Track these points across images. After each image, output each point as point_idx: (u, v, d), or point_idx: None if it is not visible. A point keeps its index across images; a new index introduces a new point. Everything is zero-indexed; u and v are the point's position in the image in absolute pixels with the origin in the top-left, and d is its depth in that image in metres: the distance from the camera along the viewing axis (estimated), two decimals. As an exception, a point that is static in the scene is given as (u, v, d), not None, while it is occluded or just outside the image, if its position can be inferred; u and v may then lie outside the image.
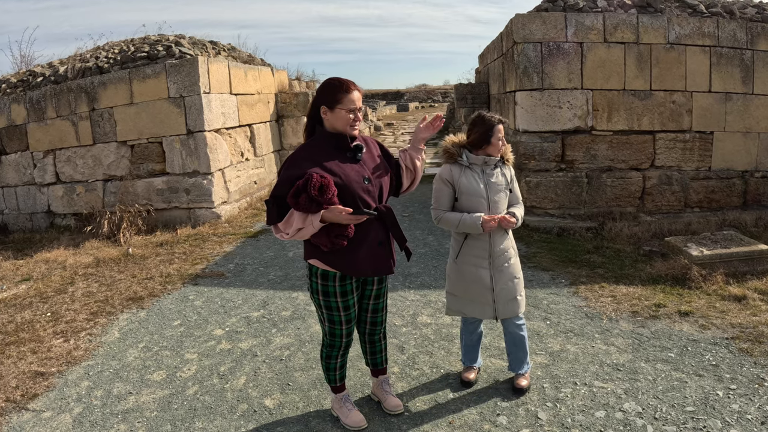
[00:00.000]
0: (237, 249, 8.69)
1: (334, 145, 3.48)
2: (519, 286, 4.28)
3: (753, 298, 6.09)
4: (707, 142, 9.42)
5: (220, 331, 5.72)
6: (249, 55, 13.31)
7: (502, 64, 11.00)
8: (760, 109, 9.51)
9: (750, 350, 4.95)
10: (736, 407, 4.10)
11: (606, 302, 6.13)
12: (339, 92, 3.44)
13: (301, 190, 3.20)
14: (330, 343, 3.84)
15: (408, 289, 6.72)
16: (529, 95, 9.06)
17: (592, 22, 8.94)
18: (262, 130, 12.89)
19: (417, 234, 9.17)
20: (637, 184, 9.34)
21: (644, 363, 4.80)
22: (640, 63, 9.09)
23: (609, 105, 9.13)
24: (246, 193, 11.77)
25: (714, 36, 9.19)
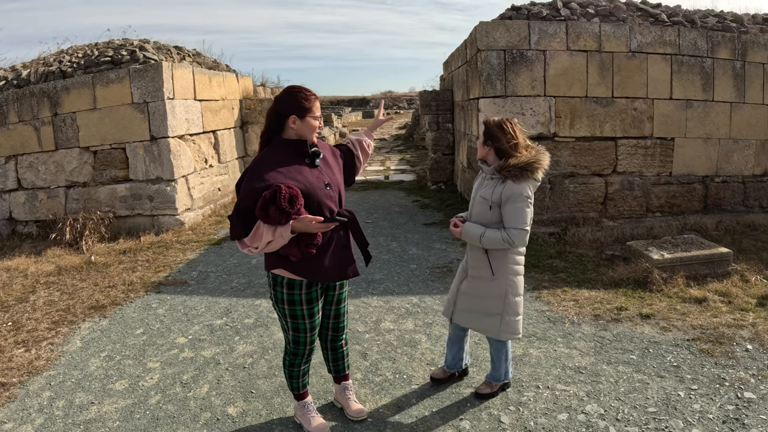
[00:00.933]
0: (200, 256, 8.57)
1: (293, 152, 3.45)
2: (482, 308, 4.14)
3: (713, 300, 6.17)
4: (668, 148, 9.55)
5: (182, 339, 5.62)
6: (214, 61, 13.19)
7: (466, 71, 11.04)
8: (719, 115, 9.69)
9: (711, 351, 5.00)
10: (698, 407, 4.13)
11: (568, 306, 6.15)
12: (309, 101, 3.46)
13: (269, 202, 3.14)
14: (294, 351, 3.79)
15: (371, 296, 6.68)
16: (492, 102, 9.09)
17: (555, 31, 9.02)
18: (227, 136, 12.76)
19: (381, 240, 9.13)
20: (600, 190, 9.43)
21: (606, 365, 4.82)
22: (603, 71, 9.19)
23: (571, 112, 9.21)
24: (210, 200, 11.63)
25: (675, 44, 9.34)
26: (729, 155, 9.87)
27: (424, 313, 6.08)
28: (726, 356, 4.91)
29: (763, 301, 6.17)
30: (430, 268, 7.62)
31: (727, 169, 9.91)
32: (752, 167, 10.04)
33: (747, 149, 9.95)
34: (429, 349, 5.22)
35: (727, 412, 4.05)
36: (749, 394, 4.30)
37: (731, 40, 9.60)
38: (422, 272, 7.48)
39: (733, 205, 9.98)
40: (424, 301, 6.44)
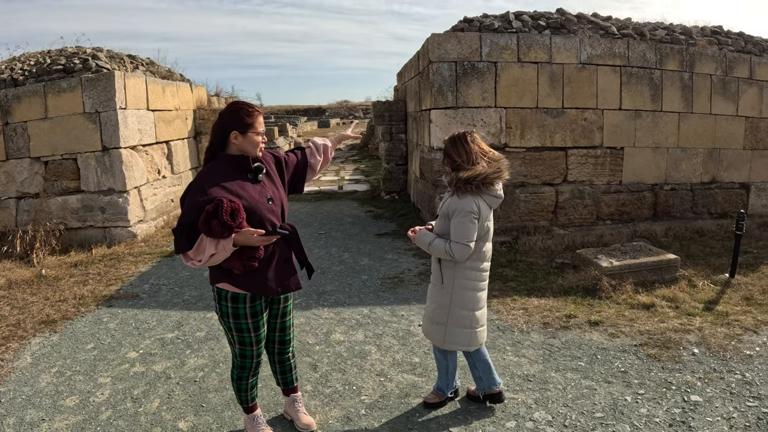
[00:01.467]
0: (152, 269, 8.37)
1: (235, 167, 3.44)
2: (433, 315, 4.12)
3: (661, 306, 6.22)
4: (618, 157, 9.67)
5: (134, 354, 5.45)
6: (168, 70, 12.97)
7: (418, 82, 11.05)
8: (668, 125, 9.86)
9: (658, 356, 5.01)
10: (645, 411, 4.12)
11: (518, 315, 6.12)
12: (250, 117, 3.43)
13: (211, 215, 3.14)
14: (241, 364, 3.74)
15: (322, 307, 6.58)
16: (443, 113, 9.09)
17: (507, 43, 9.06)
18: (180, 147, 12.53)
19: (333, 251, 9.04)
20: (550, 199, 9.48)
21: (554, 373, 4.80)
22: (553, 82, 9.27)
23: (522, 123, 9.25)
24: (163, 212, 11.40)
25: (625, 56, 9.47)
26: (677, 164, 10.04)
27: (374, 324, 6.00)
28: (673, 360, 4.93)
29: (709, 306, 6.24)
30: (381, 279, 7.55)
31: (676, 177, 10.08)
32: (700, 175, 10.24)
33: (695, 157, 10.14)
34: (379, 360, 5.15)
35: (673, 415, 4.06)
36: (696, 397, 4.31)
37: (679, 52, 9.78)
38: (373, 283, 7.41)
39: (682, 211, 10.14)
40: (374, 312, 6.36)
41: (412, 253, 8.75)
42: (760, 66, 10.41)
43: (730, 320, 5.82)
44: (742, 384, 4.53)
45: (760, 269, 7.57)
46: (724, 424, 3.95)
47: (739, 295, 6.64)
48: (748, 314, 5.99)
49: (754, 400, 4.27)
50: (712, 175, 10.32)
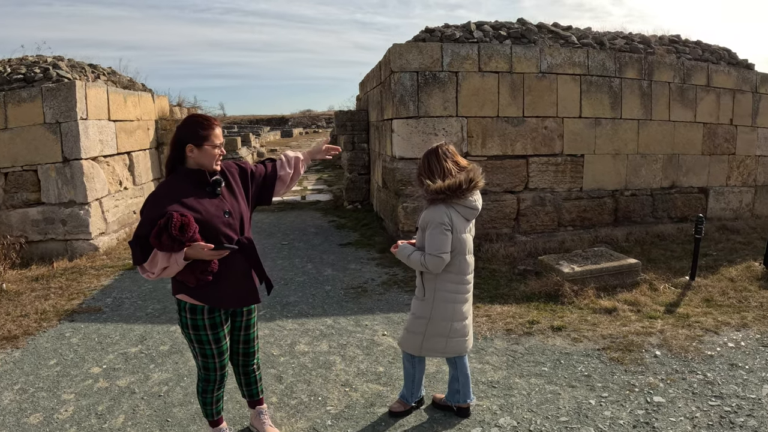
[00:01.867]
0: (115, 282, 8.19)
1: (193, 181, 3.41)
2: (411, 325, 4.13)
3: (623, 310, 6.26)
4: (578, 164, 9.76)
5: (97, 369, 5.32)
6: (129, 80, 12.78)
7: (380, 92, 11.05)
8: (627, 132, 10.00)
9: (621, 359, 5.04)
10: (609, 414, 4.13)
11: (481, 322, 6.10)
12: (205, 129, 3.39)
13: (162, 230, 3.13)
14: (205, 377, 3.69)
15: (286, 318, 6.50)
16: (405, 123, 9.09)
17: (468, 52, 9.10)
18: (142, 158, 12.33)
19: (296, 262, 8.95)
20: (512, 206, 9.52)
21: (518, 378, 4.78)
22: (514, 91, 9.32)
23: (483, 131, 9.29)
24: (125, 224, 11.19)
25: (584, 65, 9.59)
26: (637, 170, 10.17)
27: (338, 334, 5.94)
28: (635, 363, 4.96)
29: (670, 309, 6.31)
30: (344, 289, 7.49)
31: (636, 183, 10.21)
32: (660, 180, 10.39)
33: (654, 163, 10.29)
34: (343, 370, 5.10)
35: (637, 417, 4.07)
36: (658, 398, 4.34)
37: (638, 61, 9.94)
38: (337, 293, 7.34)
39: (643, 216, 10.28)
40: (338, 322, 6.30)
41: (375, 262, 8.71)
42: (717, 73, 10.64)
43: (691, 322, 5.89)
44: (704, 384, 4.57)
45: (719, 271, 7.69)
46: (687, 423, 3.98)
47: (699, 297, 6.73)
48: (709, 315, 6.08)
49: (716, 399, 4.32)
50: (672, 180, 10.48)
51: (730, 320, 5.96)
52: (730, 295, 6.78)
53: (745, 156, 11.27)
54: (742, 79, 10.98)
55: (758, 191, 11.59)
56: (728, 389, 4.48)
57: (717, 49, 11.20)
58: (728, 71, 10.81)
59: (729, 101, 10.83)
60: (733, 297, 6.73)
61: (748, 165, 11.35)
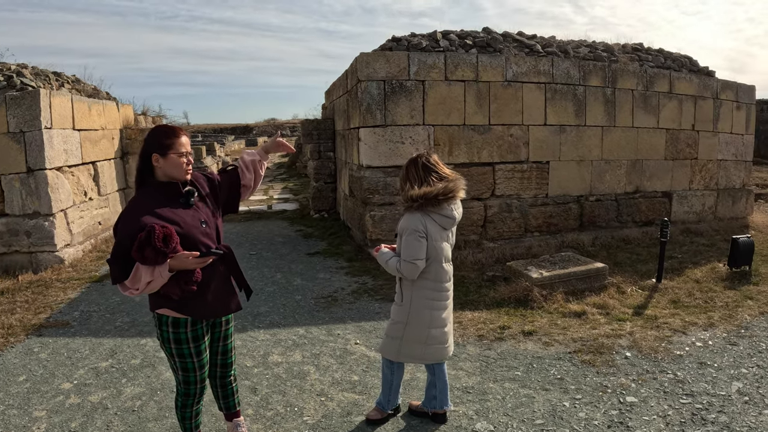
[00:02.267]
0: (82, 295, 8.03)
1: (166, 193, 3.37)
2: (390, 329, 4.14)
3: (592, 313, 6.34)
4: (544, 171, 9.87)
5: (68, 385, 5.19)
6: (94, 88, 12.56)
7: (347, 100, 11.05)
8: (592, 139, 10.16)
9: (592, 361, 5.09)
10: (583, 415, 4.16)
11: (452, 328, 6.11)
12: (169, 137, 3.35)
13: (144, 243, 3.06)
14: (185, 391, 3.63)
15: (257, 329, 6.43)
16: (372, 132, 9.10)
17: (434, 61, 9.16)
18: (107, 167, 12.12)
19: (265, 272, 8.88)
20: (479, 213, 9.58)
21: (492, 383, 4.80)
22: (480, 99, 9.40)
23: (450, 139, 9.34)
24: (90, 235, 10.98)
25: (549, 74, 9.72)
26: (602, 175, 10.32)
27: (311, 344, 5.90)
28: (607, 365, 5.01)
29: (639, 311, 6.40)
30: (315, 299, 7.45)
31: (601, 189, 10.37)
32: (624, 185, 10.57)
33: (619, 169, 10.46)
34: (318, 379, 5.05)
35: (611, 417, 4.11)
36: (631, 398, 4.39)
37: (602, 69, 10.12)
38: (307, 303, 7.30)
39: (608, 221, 10.43)
40: (310, 332, 6.26)
41: (344, 271, 8.68)
42: (679, 81, 10.89)
43: (660, 323, 5.99)
44: (674, 383, 4.65)
45: (685, 273, 7.83)
46: (660, 421, 4.03)
47: (666, 298, 6.84)
48: (676, 316, 6.18)
49: (687, 397, 4.39)
50: (636, 185, 10.66)
51: (697, 320, 6.07)
52: (697, 296, 6.92)
53: (707, 160, 11.53)
54: (703, 85, 11.25)
55: (720, 194, 11.86)
56: (698, 387, 4.56)
57: (679, 57, 11.45)
58: (690, 78, 11.07)
59: (691, 107, 11.09)
60: (700, 298, 6.87)
61: (710, 169, 11.61)
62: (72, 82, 11.77)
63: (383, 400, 4.27)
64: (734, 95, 11.92)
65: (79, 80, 12.26)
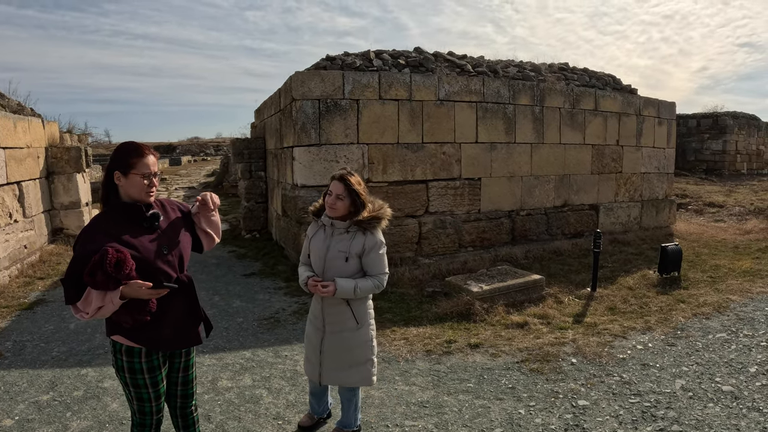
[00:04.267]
0: (13, 324, 7.64)
1: (128, 215, 3.21)
2: (351, 360, 4.03)
3: (534, 323, 6.50)
4: (476, 187, 10.08)
5: (9, 421, 4.88)
6: (18, 104, 11.97)
7: (279, 119, 11.02)
8: (521, 155, 10.46)
9: (540, 369, 5.21)
10: (540, 421, 4.26)
11: (400, 345, 6.15)
12: (132, 156, 3.20)
13: (96, 266, 2.90)
14: (140, 422, 3.45)
15: (202, 354, 6.26)
16: (306, 151, 9.10)
17: (369, 81, 9.25)
18: (32, 188, 11.59)
19: (202, 295, 8.65)
20: (414, 230, 9.69)
21: (447, 396, 4.84)
22: (413, 118, 9.54)
23: (384, 158, 9.44)
24: (16, 260, 10.46)
25: (480, 93, 9.97)
26: (532, 190, 10.63)
27: (260, 367, 5.79)
28: (555, 372, 5.15)
29: (578, 319, 6.60)
30: (257, 320, 7.34)
31: (531, 203, 10.67)
32: (553, 199, 10.92)
33: (547, 184, 10.79)
34: (272, 403, 4.96)
35: (566, 420, 4.22)
36: (583, 401, 4.53)
37: (531, 88, 10.45)
38: (250, 325, 7.19)
39: (539, 234, 10.72)
40: (257, 354, 6.16)
41: (283, 291, 8.60)
42: (604, 98, 11.38)
43: (600, 329, 6.19)
44: (621, 384, 4.82)
45: (617, 281, 8.13)
46: (613, 421, 4.18)
47: (603, 306, 7.08)
48: (615, 322, 6.41)
49: (635, 397, 4.57)
50: (564, 199, 11.03)
51: (635, 325, 6.31)
52: (632, 302, 7.19)
53: (631, 173, 12.07)
54: (626, 103, 11.79)
55: (644, 205, 12.43)
56: (644, 387, 4.75)
57: (603, 76, 11.95)
58: (614, 96, 11.58)
59: (615, 124, 11.60)
60: (635, 303, 7.14)
61: (635, 182, 12.14)
62: (-4, 97, 11.27)
63: (348, 420, 4.24)
64: (656, 111, 12.54)
65: (3, 95, 11.70)
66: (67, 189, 12.78)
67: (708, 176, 22.59)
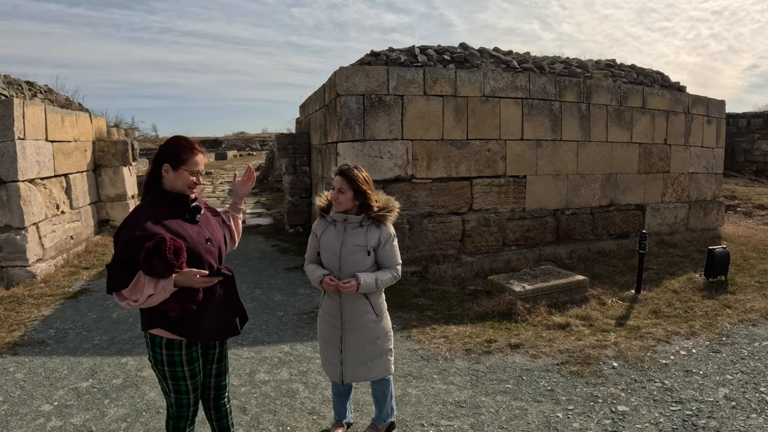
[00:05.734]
0: (57, 312, 7.85)
1: (173, 205, 3.28)
2: (374, 352, 4.02)
3: (576, 325, 6.42)
4: (521, 185, 9.99)
5: (48, 407, 5.02)
6: (66, 99, 12.33)
7: (324, 115, 11.07)
8: (567, 153, 10.32)
9: (580, 372, 5.15)
10: (577, 425, 4.21)
11: (439, 343, 6.14)
12: (185, 153, 3.27)
13: (152, 253, 2.95)
14: (177, 414, 3.50)
15: (241, 347, 6.35)
16: (351, 146, 9.13)
17: (413, 76, 9.23)
18: (79, 180, 11.91)
19: (243, 288, 8.77)
20: (457, 228, 9.65)
21: (484, 397, 4.82)
22: (458, 114, 9.49)
23: (428, 154, 9.41)
24: (62, 250, 10.76)
25: (526, 89, 9.86)
26: (577, 189, 10.49)
27: (297, 361, 5.84)
28: (595, 375, 5.08)
29: (621, 322, 6.50)
30: (297, 315, 7.41)
31: (576, 202, 10.53)
32: (599, 199, 10.75)
33: (593, 183, 10.64)
34: (308, 397, 5.00)
35: (605, 426, 4.16)
36: (622, 407, 4.46)
37: (577, 85, 10.30)
38: (290, 319, 7.26)
39: (584, 234, 10.57)
40: (296, 348, 6.21)
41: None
42: (652, 96, 11.13)
43: (643, 333, 6.09)
44: (663, 391, 4.73)
45: (662, 284, 7.98)
46: (653, 429, 4.10)
47: (647, 309, 6.96)
48: (658, 326, 6.29)
49: (676, 405, 4.48)
50: (610, 198, 10.86)
51: (680, 330, 6.18)
52: (676, 306, 7.05)
53: (679, 173, 11.80)
54: (675, 101, 11.52)
55: (692, 206, 12.13)
56: (686, 394, 4.65)
57: (650, 73, 11.71)
58: (662, 94, 11.33)
59: (663, 122, 11.34)
60: (679, 308, 7.00)
61: (682, 182, 11.87)
62: (44, 92, 11.56)
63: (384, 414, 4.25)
64: (705, 110, 12.23)
65: (51, 90, 12.05)
66: (113, 182, 13.09)
67: (758, 177, 21.94)
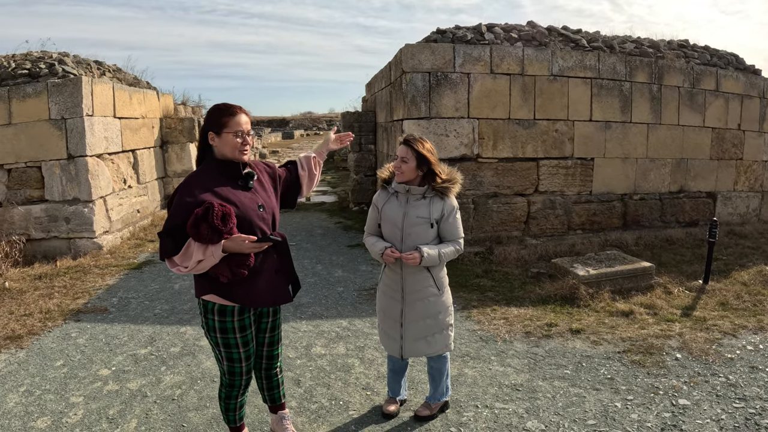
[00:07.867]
0: (120, 282, 8.15)
1: (225, 172, 3.30)
2: (435, 326, 4.01)
3: (639, 313, 6.30)
4: (588, 167, 9.80)
5: (106, 371, 5.22)
6: (134, 78, 12.69)
7: (390, 93, 11.07)
8: (637, 136, 10.06)
9: (642, 362, 5.07)
10: (636, 417, 4.15)
11: (499, 324, 6.12)
12: (224, 116, 3.28)
13: (201, 219, 3.00)
14: (230, 382, 3.56)
15: (300, 320, 6.47)
16: (416, 124, 9.10)
17: (480, 54, 9.14)
18: (146, 156, 12.31)
19: (305, 263, 8.92)
20: (522, 209, 9.56)
21: (542, 381, 4.80)
22: (525, 93, 9.36)
23: (495, 133, 9.32)
24: (128, 223, 11.15)
25: (595, 69, 9.64)
26: (646, 174, 10.23)
27: (355, 336, 5.92)
28: (657, 366, 4.99)
29: (687, 312, 6.35)
30: (357, 291, 7.49)
31: (645, 187, 10.27)
32: (668, 185, 10.46)
33: (663, 168, 10.35)
34: (363, 373, 5.06)
35: (664, 419, 4.09)
36: (683, 401, 4.37)
37: (648, 65, 10.00)
38: (350, 295, 7.35)
39: (651, 221, 10.33)
40: (354, 324, 6.29)
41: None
42: (726, 78, 10.72)
43: (709, 325, 5.93)
44: (726, 386, 4.61)
45: (731, 275, 7.74)
46: (714, 425, 4.01)
47: (714, 300, 6.77)
48: (726, 319, 6.12)
49: (740, 402, 4.36)
50: (680, 184, 10.55)
51: (747, 323, 6.00)
52: (745, 299, 6.83)
53: (753, 161, 11.35)
54: (750, 84, 11.06)
55: (765, 196, 11.69)
56: (751, 391, 4.53)
57: (725, 54, 11.27)
58: (736, 76, 10.89)
59: (737, 106, 10.92)
60: (748, 301, 6.78)
61: (755, 170, 11.43)
62: (113, 71, 11.92)
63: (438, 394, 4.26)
64: (782, 95, 11.69)
65: (120, 69, 12.41)
66: (180, 157, 13.47)
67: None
